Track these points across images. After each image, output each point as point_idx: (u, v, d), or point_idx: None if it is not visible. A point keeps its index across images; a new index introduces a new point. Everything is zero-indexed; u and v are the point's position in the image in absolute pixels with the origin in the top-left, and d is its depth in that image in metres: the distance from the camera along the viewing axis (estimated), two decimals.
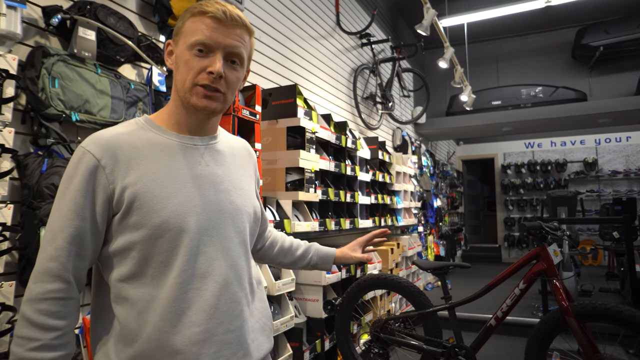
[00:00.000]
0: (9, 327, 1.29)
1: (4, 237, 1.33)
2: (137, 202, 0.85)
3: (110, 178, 0.85)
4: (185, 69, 0.89)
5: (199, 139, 0.97)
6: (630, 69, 7.02)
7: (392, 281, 2.67)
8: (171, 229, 0.86)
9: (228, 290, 0.91)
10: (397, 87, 5.98)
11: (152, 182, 0.86)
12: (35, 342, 0.79)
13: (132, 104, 1.80)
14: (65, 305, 0.83)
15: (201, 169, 0.93)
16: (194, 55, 0.88)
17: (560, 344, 2.59)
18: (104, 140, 0.87)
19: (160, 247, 0.86)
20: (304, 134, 2.69)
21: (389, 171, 4.67)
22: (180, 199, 0.88)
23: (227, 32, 0.89)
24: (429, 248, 6.41)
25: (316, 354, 2.66)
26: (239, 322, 0.92)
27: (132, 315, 0.85)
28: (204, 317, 0.87)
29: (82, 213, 0.84)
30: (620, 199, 5.88)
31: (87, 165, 0.84)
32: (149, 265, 0.86)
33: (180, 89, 0.91)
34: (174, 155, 0.91)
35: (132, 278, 0.86)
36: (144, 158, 0.88)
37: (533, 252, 2.40)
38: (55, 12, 1.54)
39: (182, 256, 0.87)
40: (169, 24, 2.09)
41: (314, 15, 3.85)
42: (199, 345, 0.86)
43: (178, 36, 0.92)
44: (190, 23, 0.90)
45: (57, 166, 1.49)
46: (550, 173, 9.71)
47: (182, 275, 0.86)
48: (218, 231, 0.92)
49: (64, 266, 0.83)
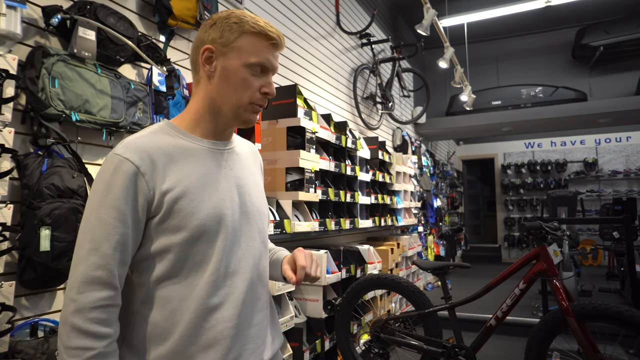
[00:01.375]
0: (9, 327, 1.29)
1: (4, 237, 1.33)
2: (177, 206, 0.88)
3: (150, 184, 0.87)
4: (243, 87, 0.93)
5: (221, 144, 1.01)
6: (630, 69, 7.02)
7: (392, 281, 2.67)
8: (209, 231, 0.90)
9: (253, 287, 0.97)
10: (397, 87, 5.97)
11: (189, 187, 0.90)
12: (91, 351, 0.80)
13: (132, 104, 1.80)
14: (113, 312, 0.85)
15: (226, 172, 0.98)
16: (250, 74, 0.93)
17: (560, 344, 2.59)
18: (139, 147, 0.88)
19: (198, 248, 0.90)
20: (304, 134, 2.69)
21: (389, 171, 4.67)
22: (214, 202, 0.92)
23: (277, 56, 0.97)
24: (429, 248, 6.41)
25: (316, 354, 2.66)
26: (260, 317, 0.99)
27: (164, 315, 0.88)
28: (235, 313, 0.92)
29: (125, 220, 0.85)
30: (620, 199, 5.89)
31: (126, 172, 0.86)
32: (184, 265, 0.89)
33: (233, 103, 0.94)
34: (204, 160, 0.95)
35: (166, 279, 0.89)
36: (178, 163, 0.91)
37: (533, 252, 2.40)
38: (55, 12, 1.54)
39: (216, 256, 0.91)
40: (169, 24, 2.09)
41: (314, 15, 3.85)
42: (230, 340, 0.91)
43: (228, 48, 0.93)
44: (247, 40, 0.93)
45: (57, 166, 1.49)
46: (550, 173, 9.71)
47: (216, 274, 0.91)
48: (244, 232, 0.98)
49: (112, 274, 0.84)
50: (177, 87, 2.08)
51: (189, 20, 2.13)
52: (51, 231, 1.40)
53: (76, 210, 1.49)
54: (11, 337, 1.32)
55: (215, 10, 2.32)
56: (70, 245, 1.45)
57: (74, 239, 1.47)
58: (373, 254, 3.73)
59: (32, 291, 1.48)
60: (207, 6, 2.23)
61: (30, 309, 1.49)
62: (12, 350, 1.32)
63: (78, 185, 1.52)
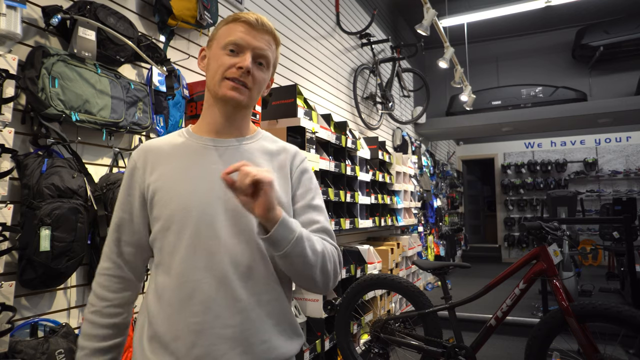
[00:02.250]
0: (9, 327, 1.29)
1: (4, 237, 1.33)
2: (156, 197, 0.97)
3: (143, 177, 1.00)
4: (216, 65, 0.98)
5: (224, 140, 1.02)
6: (630, 69, 7.02)
7: (392, 281, 2.67)
8: (175, 222, 0.94)
9: (228, 286, 0.92)
10: (397, 87, 5.97)
11: (168, 180, 0.97)
12: (92, 307, 1.01)
13: (132, 104, 1.80)
14: (114, 281, 1.02)
15: (214, 167, 0.97)
16: (225, 54, 0.97)
17: (560, 344, 2.59)
18: (143, 147, 1.04)
19: (168, 239, 0.95)
20: (304, 134, 2.69)
21: (389, 171, 4.67)
22: (186, 195, 0.95)
23: (256, 36, 0.98)
24: (429, 248, 6.41)
25: (316, 354, 2.66)
26: (239, 319, 0.92)
27: (154, 300, 0.96)
28: (201, 309, 0.91)
29: (124, 207, 1.02)
30: (620, 199, 5.88)
31: (129, 168, 1.03)
32: (163, 255, 0.96)
33: (210, 82, 0.99)
34: (193, 156, 1.00)
35: (157, 266, 0.98)
36: (167, 159, 1.00)
37: (533, 252, 2.41)
38: (55, 12, 1.54)
39: (183, 248, 0.93)
40: (169, 24, 2.09)
41: (314, 15, 3.85)
42: (194, 335, 0.90)
43: (212, 41, 1.02)
44: (224, 29, 1.00)
45: (57, 166, 1.49)
46: (550, 173, 9.71)
47: (182, 265, 0.93)
48: (223, 227, 0.94)
49: (111, 249, 1.03)
50: (177, 87, 2.08)
51: (189, 20, 2.13)
52: (51, 231, 1.40)
53: (76, 210, 1.49)
54: (11, 337, 1.32)
55: (216, 10, 2.32)
56: (70, 245, 1.45)
57: (74, 239, 1.47)
58: (373, 254, 3.73)
59: (32, 291, 1.48)
60: (207, 6, 2.23)
61: (30, 309, 1.50)
62: (12, 350, 1.32)
63: (78, 185, 1.52)
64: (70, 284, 1.62)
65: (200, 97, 2.23)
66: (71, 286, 1.63)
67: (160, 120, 2.02)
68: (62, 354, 1.42)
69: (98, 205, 1.59)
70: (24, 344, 1.35)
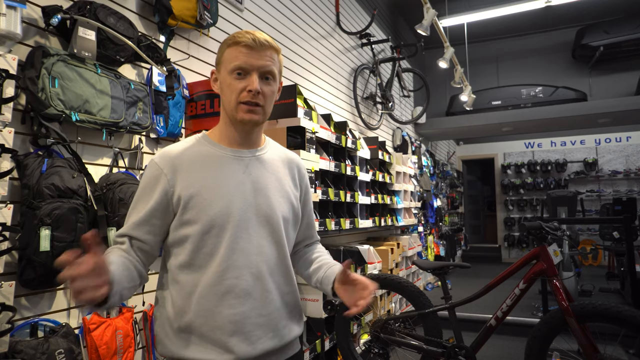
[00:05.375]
0: (9, 327, 1.29)
1: (4, 237, 1.33)
2: (192, 202, 1.05)
3: (172, 182, 1.06)
4: (229, 91, 1.09)
5: (247, 151, 1.15)
6: (630, 69, 7.02)
7: (392, 281, 2.67)
8: (217, 226, 1.05)
9: (262, 281, 1.08)
10: (397, 87, 5.97)
11: (205, 187, 1.07)
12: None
13: (132, 104, 1.80)
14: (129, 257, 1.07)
15: (244, 176, 1.11)
16: (234, 78, 1.07)
17: (560, 344, 2.59)
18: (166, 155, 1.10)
19: (208, 241, 1.05)
20: (304, 134, 2.69)
21: (389, 171, 4.67)
22: (225, 201, 1.06)
23: (258, 56, 1.07)
24: (429, 248, 6.41)
25: (316, 354, 2.66)
26: (271, 309, 1.09)
27: (181, 295, 1.06)
28: (239, 302, 1.05)
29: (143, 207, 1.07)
30: (620, 199, 5.88)
31: (152, 173, 1.08)
32: (198, 255, 1.05)
33: (228, 107, 1.11)
34: (223, 165, 1.11)
35: (184, 266, 1.06)
36: (197, 167, 1.09)
37: (533, 252, 2.40)
38: (55, 12, 1.54)
39: (223, 249, 1.05)
40: (169, 24, 2.09)
41: (314, 15, 3.85)
42: (234, 324, 1.04)
43: (219, 65, 1.12)
44: (227, 53, 1.09)
45: (57, 166, 1.49)
46: (550, 173, 9.71)
47: (222, 265, 1.05)
48: (257, 230, 1.09)
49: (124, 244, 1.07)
50: (177, 87, 2.08)
51: (189, 20, 2.13)
52: (51, 231, 1.40)
53: (76, 210, 1.49)
54: (11, 337, 1.32)
55: (216, 10, 2.32)
56: (70, 245, 1.45)
57: (74, 239, 1.47)
58: (373, 254, 3.73)
59: (32, 291, 1.48)
60: (207, 6, 2.23)
61: (30, 309, 1.50)
62: (12, 350, 1.32)
63: (78, 185, 1.52)
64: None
65: (200, 97, 2.23)
66: None
67: (160, 120, 2.02)
68: (62, 354, 1.42)
69: (98, 205, 1.59)
70: (24, 344, 1.35)
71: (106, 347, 1.60)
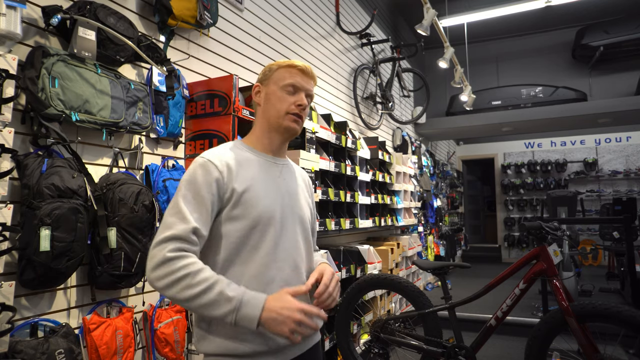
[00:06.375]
0: (9, 327, 1.29)
1: (4, 237, 1.33)
2: (243, 198, 1.16)
3: (226, 180, 1.16)
4: (279, 102, 1.25)
5: (278, 159, 1.31)
6: (630, 69, 7.02)
7: (392, 281, 2.67)
8: (262, 222, 1.17)
9: (298, 272, 1.23)
10: (397, 87, 5.97)
11: (252, 186, 1.19)
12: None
13: (132, 104, 1.80)
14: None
15: (280, 180, 1.28)
16: (286, 92, 1.25)
17: (560, 344, 2.59)
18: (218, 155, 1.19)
19: (254, 235, 1.16)
20: (304, 134, 2.69)
21: (389, 171, 4.67)
22: (270, 200, 1.20)
23: (307, 80, 1.29)
24: (429, 248, 6.41)
25: None
26: (305, 297, 1.21)
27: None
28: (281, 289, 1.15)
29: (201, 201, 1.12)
30: (620, 199, 5.88)
31: (209, 172, 1.15)
32: (244, 248, 1.16)
33: (274, 115, 1.25)
34: (265, 168, 1.26)
35: (229, 260, 1.15)
36: (247, 169, 1.21)
37: (533, 252, 2.40)
38: (55, 12, 1.54)
39: (267, 242, 1.17)
40: (169, 24, 2.09)
41: (314, 15, 3.85)
42: None
43: (268, 81, 1.28)
44: (281, 72, 1.27)
45: (57, 166, 1.49)
46: (550, 173, 9.71)
47: (266, 257, 1.16)
48: (292, 228, 1.24)
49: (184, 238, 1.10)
50: (177, 87, 2.08)
51: (189, 20, 2.13)
52: (51, 231, 1.40)
53: (76, 210, 1.48)
54: (11, 337, 1.32)
55: (216, 10, 2.31)
56: (70, 245, 1.45)
57: (73, 239, 1.47)
58: (373, 254, 3.73)
59: (32, 291, 1.48)
60: (207, 6, 2.23)
61: (30, 309, 1.50)
62: (12, 350, 1.32)
63: (78, 185, 1.52)
64: (70, 284, 1.62)
65: (200, 97, 2.23)
66: (71, 286, 1.63)
67: (160, 120, 2.02)
68: (62, 354, 1.42)
69: (98, 205, 1.59)
70: (24, 344, 1.35)
71: (106, 347, 1.60)
